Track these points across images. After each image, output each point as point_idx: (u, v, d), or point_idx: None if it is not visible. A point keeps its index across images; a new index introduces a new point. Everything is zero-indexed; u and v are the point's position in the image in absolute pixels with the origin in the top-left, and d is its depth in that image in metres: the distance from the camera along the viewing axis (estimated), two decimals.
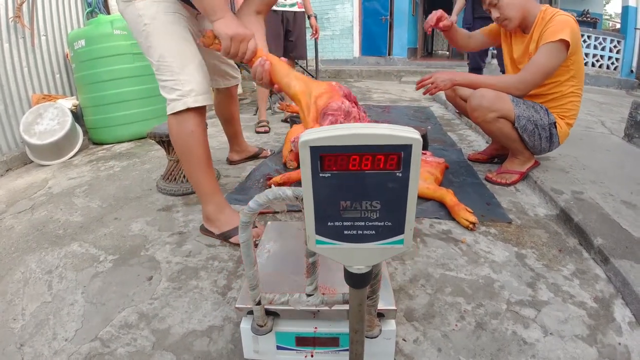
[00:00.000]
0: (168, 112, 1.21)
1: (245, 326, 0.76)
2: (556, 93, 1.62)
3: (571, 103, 1.64)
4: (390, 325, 0.75)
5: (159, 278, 1.14)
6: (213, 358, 0.85)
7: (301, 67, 4.35)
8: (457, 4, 3.31)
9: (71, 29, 3.04)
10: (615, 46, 6.01)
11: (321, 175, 0.44)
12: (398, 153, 0.42)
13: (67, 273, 1.19)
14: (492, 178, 1.76)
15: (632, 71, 6.06)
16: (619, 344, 0.87)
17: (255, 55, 1.09)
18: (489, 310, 0.97)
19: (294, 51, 3.04)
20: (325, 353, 0.77)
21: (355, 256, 0.50)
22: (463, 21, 3.29)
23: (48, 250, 1.33)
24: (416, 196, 0.45)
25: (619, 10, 7.46)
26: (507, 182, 1.73)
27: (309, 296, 0.68)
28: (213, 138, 2.53)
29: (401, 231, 0.47)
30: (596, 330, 0.90)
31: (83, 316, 1.00)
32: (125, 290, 1.09)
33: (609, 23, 11.17)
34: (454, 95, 1.89)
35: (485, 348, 0.86)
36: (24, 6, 2.60)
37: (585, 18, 7.54)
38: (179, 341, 0.90)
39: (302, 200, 0.47)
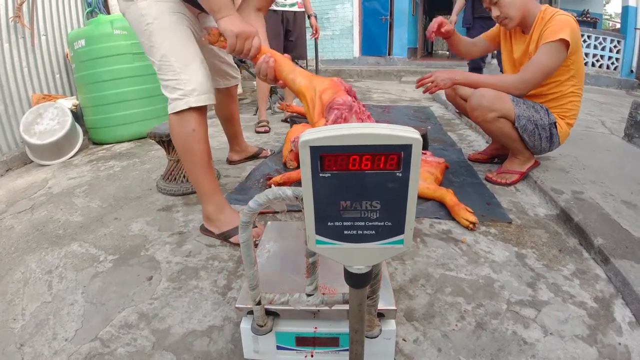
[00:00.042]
0: (169, 111, 1.21)
1: (245, 326, 0.76)
2: (556, 93, 1.62)
3: (571, 103, 1.64)
4: (390, 325, 0.75)
5: (159, 278, 1.14)
6: (213, 358, 0.85)
7: (301, 67, 4.34)
8: (457, 4, 3.31)
9: (71, 29, 3.04)
10: (615, 46, 6.01)
11: (321, 175, 0.44)
12: (398, 153, 0.42)
13: (67, 273, 1.19)
14: (492, 178, 1.76)
15: (632, 71, 6.06)
16: (619, 344, 0.87)
17: (259, 52, 1.11)
18: (489, 310, 0.97)
19: (294, 51, 3.04)
20: (325, 353, 0.77)
21: (355, 256, 0.50)
22: (463, 21, 3.28)
23: (48, 250, 1.33)
24: (416, 196, 0.45)
25: (619, 10, 7.46)
26: (507, 182, 1.73)
27: (309, 296, 0.68)
28: (213, 138, 2.53)
29: (401, 231, 0.47)
30: (596, 330, 0.90)
31: (83, 316, 1.00)
32: (125, 290, 1.09)
33: (609, 23, 11.17)
34: (454, 94, 1.89)
35: (485, 348, 0.86)
36: (24, 6, 2.60)
37: (585, 18, 7.54)
38: (179, 341, 0.90)
39: (302, 200, 0.47)
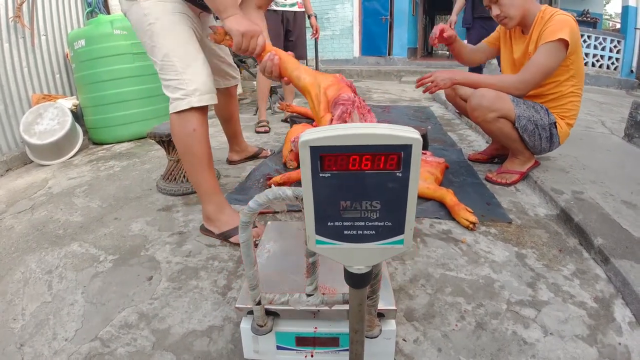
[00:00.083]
0: (171, 111, 1.21)
1: (245, 326, 0.76)
2: (556, 93, 1.62)
3: (571, 103, 1.64)
4: (390, 325, 0.75)
5: (159, 278, 1.14)
6: (213, 358, 0.85)
7: None
8: (457, 4, 3.30)
9: (71, 29, 3.04)
10: (615, 46, 6.01)
11: (321, 175, 0.44)
12: (398, 153, 0.42)
13: (67, 273, 1.19)
14: (492, 178, 1.76)
15: (632, 71, 6.07)
16: (619, 344, 0.87)
17: (264, 50, 1.13)
18: (489, 310, 0.97)
19: (294, 51, 3.00)
20: (325, 353, 0.77)
21: (355, 256, 0.50)
22: (463, 21, 3.28)
23: (48, 250, 1.33)
24: (416, 196, 0.45)
25: (619, 10, 7.46)
26: (507, 182, 1.72)
27: (309, 296, 0.68)
28: (213, 138, 2.51)
29: (401, 231, 0.47)
30: (596, 330, 0.90)
31: (83, 316, 1.00)
32: (125, 290, 1.09)
33: (609, 23, 11.18)
34: (454, 94, 1.88)
35: (485, 348, 0.86)
36: (24, 6, 2.60)
37: (585, 18, 7.54)
38: (179, 341, 0.90)
39: (302, 200, 0.47)
